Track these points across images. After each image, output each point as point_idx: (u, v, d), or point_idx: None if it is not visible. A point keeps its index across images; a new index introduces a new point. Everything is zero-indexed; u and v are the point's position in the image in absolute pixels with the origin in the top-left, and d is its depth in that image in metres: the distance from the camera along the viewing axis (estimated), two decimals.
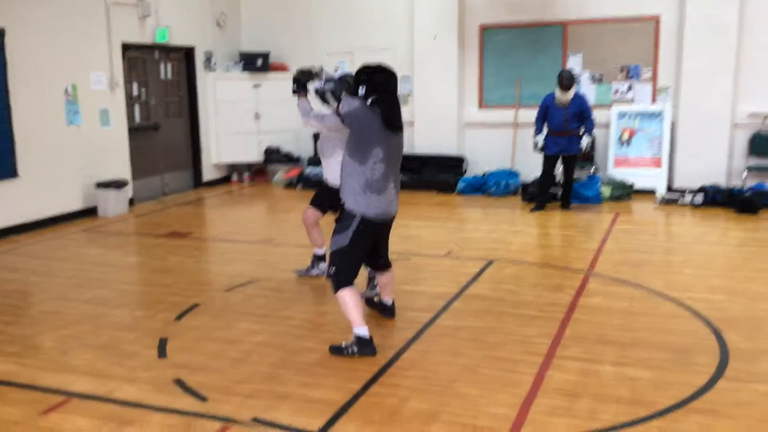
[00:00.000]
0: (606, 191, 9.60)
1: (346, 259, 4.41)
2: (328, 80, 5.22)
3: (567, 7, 10.35)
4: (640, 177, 9.97)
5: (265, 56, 11.78)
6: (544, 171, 9.03)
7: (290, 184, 11.41)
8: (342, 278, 4.41)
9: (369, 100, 4.32)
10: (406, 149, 11.19)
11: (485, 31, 10.87)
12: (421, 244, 7.47)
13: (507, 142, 10.85)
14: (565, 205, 9.09)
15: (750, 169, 9.63)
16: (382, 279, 4.99)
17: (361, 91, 4.35)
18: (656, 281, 5.95)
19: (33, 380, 4.18)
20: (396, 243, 7.32)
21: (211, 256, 7.09)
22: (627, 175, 9.99)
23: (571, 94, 8.62)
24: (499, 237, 7.79)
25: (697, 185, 9.53)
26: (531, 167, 10.15)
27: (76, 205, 9.00)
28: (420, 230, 8.08)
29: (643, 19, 10.09)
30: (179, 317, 5.25)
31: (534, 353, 4.46)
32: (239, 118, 11.75)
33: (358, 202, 4.36)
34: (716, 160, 9.78)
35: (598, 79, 10.39)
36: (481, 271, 6.36)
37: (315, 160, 11.61)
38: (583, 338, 4.70)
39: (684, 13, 9.70)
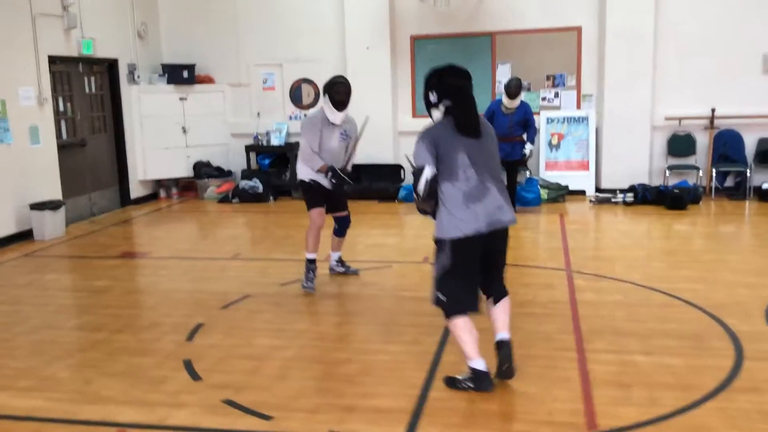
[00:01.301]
0: (543, 193, 10.07)
1: (450, 281, 3.94)
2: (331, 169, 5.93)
3: (494, 18, 10.77)
4: (570, 179, 10.52)
5: (191, 68, 11.45)
6: None
7: (225, 199, 11.13)
8: (452, 305, 3.97)
9: (442, 107, 3.97)
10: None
11: (416, 41, 11.11)
12: (394, 251, 7.55)
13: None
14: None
15: (670, 168, 10.40)
16: (495, 311, 4.15)
17: (432, 97, 3.97)
18: (633, 274, 6.34)
19: (73, 415, 3.90)
20: (366, 252, 7.45)
21: (182, 275, 6.82)
22: (558, 178, 10.52)
23: (517, 102, 8.98)
24: None
25: (622, 185, 10.20)
26: None
27: (9, 229, 8.38)
28: (384, 239, 8.15)
29: (566, 29, 10.67)
30: (190, 338, 5.05)
31: (563, 349, 4.65)
32: (166, 132, 11.33)
33: (443, 229, 3.93)
34: (638, 161, 10.48)
35: (526, 88, 10.86)
36: None
37: (248, 174, 11.42)
38: (600, 332, 4.95)
39: (604, 24, 10.35)
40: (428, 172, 3.84)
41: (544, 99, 10.83)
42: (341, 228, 6.45)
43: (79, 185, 9.89)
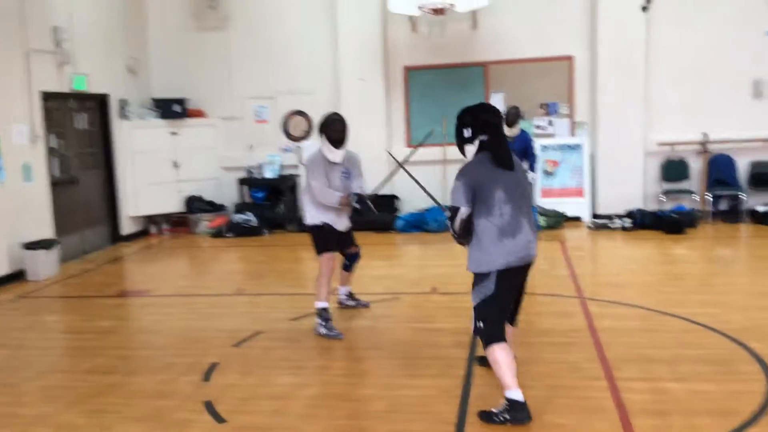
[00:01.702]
0: (542, 221, 10.06)
1: (494, 308, 4.01)
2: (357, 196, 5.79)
3: (487, 48, 10.86)
4: (566, 206, 10.54)
5: (183, 102, 11.37)
6: None
7: (218, 233, 10.98)
8: (494, 332, 4.00)
9: (476, 142, 4.11)
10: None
11: (410, 72, 11.15)
12: (400, 282, 7.46)
13: (436, 179, 11.09)
14: None
15: (665, 192, 10.46)
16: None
17: (467, 133, 4.11)
18: (647, 300, 6.30)
19: None
20: (373, 284, 7.35)
21: (188, 313, 6.66)
22: (554, 205, 10.53)
23: (516, 130, 9.01)
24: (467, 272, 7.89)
25: (617, 211, 10.24)
26: None
27: (2, 270, 8.16)
28: (389, 270, 8.07)
29: (558, 59, 10.77)
30: (206, 378, 4.90)
31: (593, 378, 4.57)
32: (157, 168, 11.18)
33: (491, 256, 3.99)
34: (633, 187, 10.54)
35: (521, 116, 10.90)
36: None
37: (242, 207, 11.30)
38: (627, 359, 4.88)
39: (596, 53, 10.47)
40: (464, 212, 4.04)
41: (538, 127, 10.88)
42: (351, 263, 6.33)
43: (71, 223, 9.69)
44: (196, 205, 11.45)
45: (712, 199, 10.34)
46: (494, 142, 4.08)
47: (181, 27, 11.63)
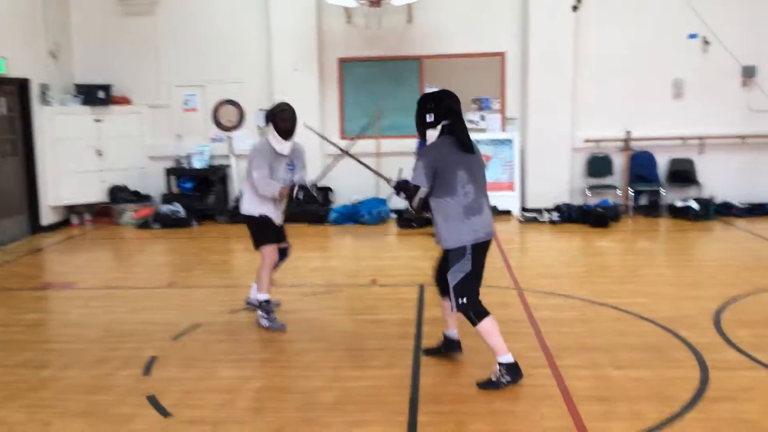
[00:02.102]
0: None
1: (473, 284, 4.30)
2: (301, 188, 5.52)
3: (422, 42, 10.91)
4: (497, 200, 10.69)
5: (107, 88, 10.96)
6: None
7: (144, 224, 10.65)
8: (478, 306, 4.31)
9: (439, 127, 4.27)
10: None
11: (344, 63, 11.09)
12: (338, 274, 7.42)
13: (370, 171, 11.07)
14: None
15: (590, 188, 10.80)
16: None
17: (430, 118, 4.29)
18: (580, 290, 6.50)
19: None
20: (312, 275, 7.30)
21: (119, 306, 6.42)
22: None
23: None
24: (406, 263, 7.95)
25: (546, 205, 10.51)
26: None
27: None
28: (325, 261, 8.02)
29: (490, 54, 10.94)
30: (146, 372, 4.75)
31: (536, 366, 4.66)
32: (80, 156, 10.74)
33: (462, 233, 4.24)
34: (560, 182, 10.83)
35: None
36: (421, 295, 6.48)
37: (169, 198, 11.00)
38: (567, 348, 5.01)
39: (527, 50, 10.69)
40: (423, 192, 4.29)
41: (470, 122, 11.02)
42: (280, 259, 5.93)
43: None
44: (120, 195, 11.07)
45: (633, 194, 10.74)
46: (456, 128, 4.29)
47: (106, 11, 11.20)
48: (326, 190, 10.95)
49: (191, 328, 5.67)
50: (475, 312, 4.31)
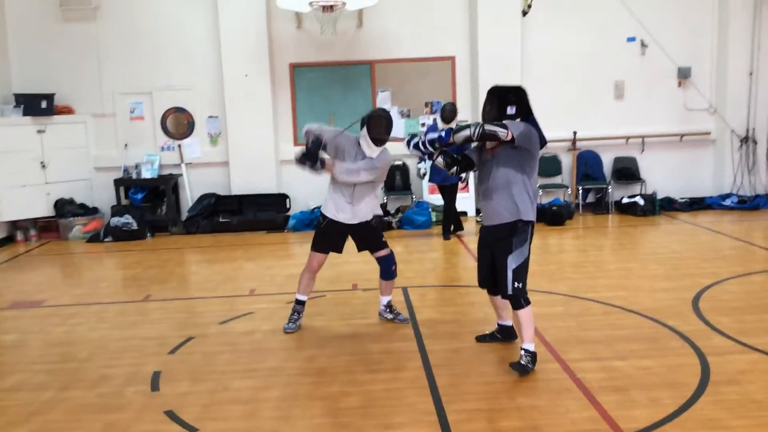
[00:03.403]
0: (433, 216, 10.36)
1: (526, 271, 4.62)
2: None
3: (373, 47, 11.00)
4: None
5: (50, 98, 10.54)
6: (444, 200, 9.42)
7: (95, 238, 10.29)
8: (526, 293, 4.63)
9: (518, 120, 4.51)
10: (224, 190, 10.94)
11: (296, 68, 11.05)
12: (318, 281, 7.32)
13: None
14: (458, 229, 9.57)
15: (541, 187, 11.14)
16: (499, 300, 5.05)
17: (511, 110, 4.55)
18: (559, 287, 6.72)
19: None
20: (289, 283, 7.25)
21: (99, 322, 6.19)
22: (440, 201, 10.84)
23: (453, 126, 9.19)
24: None
25: None
26: None
27: None
28: (300, 268, 7.93)
29: (441, 59, 11.13)
30: (155, 388, 4.63)
31: (545, 361, 4.81)
32: (22, 168, 10.30)
33: (531, 211, 4.58)
34: None
35: (406, 114, 11.18)
36: (407, 298, 6.56)
37: (119, 210, 10.66)
38: (567, 342, 5.19)
39: (476, 53, 10.93)
40: (504, 135, 4.36)
41: (423, 125, 11.18)
42: (386, 270, 5.71)
43: None
44: (67, 208, 10.67)
45: (582, 192, 11.14)
46: (535, 121, 4.67)
47: (44, 16, 10.79)
48: (283, 197, 10.86)
49: (185, 341, 5.56)
50: (524, 297, 4.61)
